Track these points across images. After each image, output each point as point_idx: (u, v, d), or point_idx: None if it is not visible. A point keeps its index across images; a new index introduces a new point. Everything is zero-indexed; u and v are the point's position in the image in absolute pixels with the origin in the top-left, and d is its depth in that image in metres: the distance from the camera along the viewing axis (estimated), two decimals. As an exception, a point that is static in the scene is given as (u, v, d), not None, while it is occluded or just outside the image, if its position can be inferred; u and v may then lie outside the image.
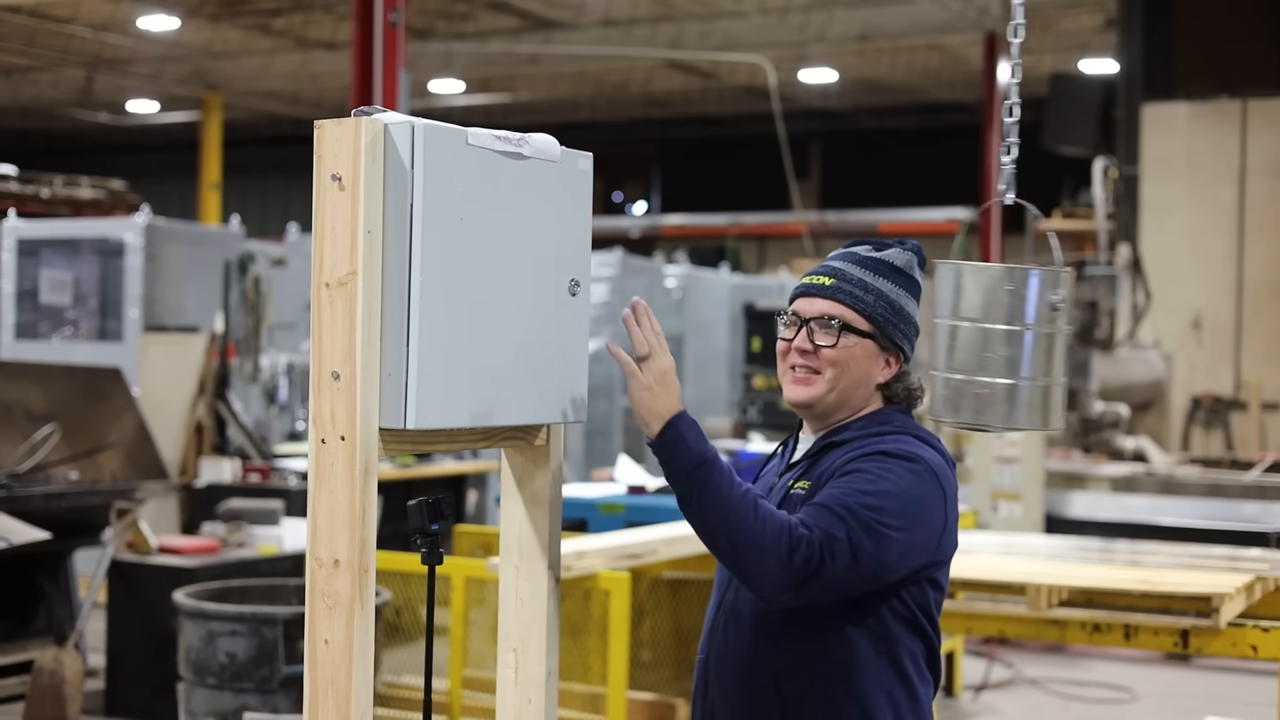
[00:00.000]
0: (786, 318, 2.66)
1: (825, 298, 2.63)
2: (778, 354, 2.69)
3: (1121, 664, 8.12)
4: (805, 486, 2.57)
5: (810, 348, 2.61)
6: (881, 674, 2.50)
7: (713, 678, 2.60)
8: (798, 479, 2.60)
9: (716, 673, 2.59)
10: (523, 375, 2.37)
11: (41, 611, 6.94)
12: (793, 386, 2.63)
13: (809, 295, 2.64)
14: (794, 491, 2.57)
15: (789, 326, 2.65)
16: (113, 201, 13.83)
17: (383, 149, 2.17)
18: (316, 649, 2.21)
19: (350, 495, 2.18)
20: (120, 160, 25.77)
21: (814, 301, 2.63)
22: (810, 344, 2.61)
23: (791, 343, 2.63)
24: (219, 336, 9.25)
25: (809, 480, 2.57)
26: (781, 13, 17.32)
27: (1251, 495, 8.79)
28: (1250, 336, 13.62)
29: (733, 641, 2.57)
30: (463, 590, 5.65)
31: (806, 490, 2.55)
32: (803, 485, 2.57)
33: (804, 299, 2.64)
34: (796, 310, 2.64)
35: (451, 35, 18.55)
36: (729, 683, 2.56)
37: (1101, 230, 11.88)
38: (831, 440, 2.61)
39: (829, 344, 2.60)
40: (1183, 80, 13.87)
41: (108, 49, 19.78)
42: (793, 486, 2.59)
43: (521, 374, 2.36)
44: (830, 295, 2.62)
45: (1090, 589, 4.45)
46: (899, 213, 23.02)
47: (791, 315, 2.65)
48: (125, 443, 7.09)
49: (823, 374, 2.60)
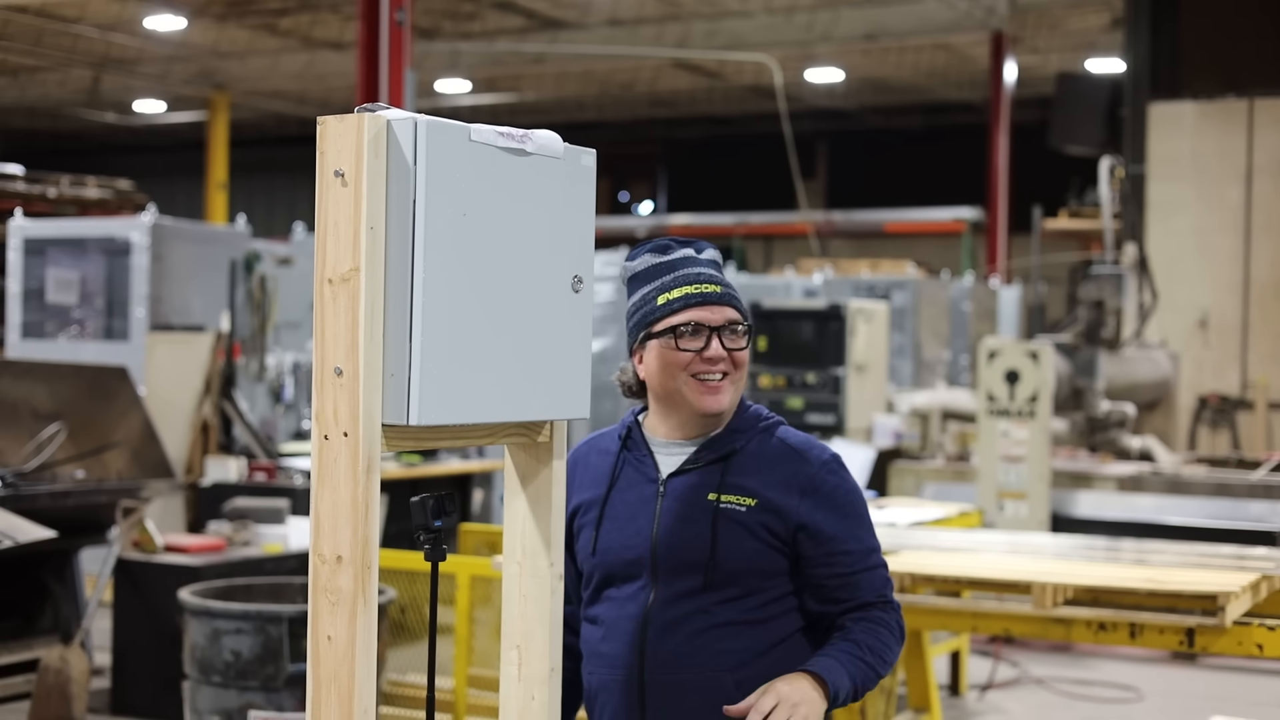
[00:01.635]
0: (681, 328, 2.63)
1: (724, 304, 2.66)
2: (671, 366, 2.65)
3: (1127, 663, 8.11)
4: (747, 504, 2.61)
5: (725, 355, 2.63)
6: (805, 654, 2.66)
7: (653, 695, 2.61)
8: (723, 493, 2.63)
9: (660, 685, 2.60)
10: (526, 371, 2.36)
11: (47, 610, 6.95)
12: (708, 397, 2.64)
13: (707, 304, 2.64)
14: (727, 506, 2.62)
15: (692, 337, 2.63)
16: (119, 201, 13.84)
17: (385, 145, 2.17)
18: (319, 645, 2.21)
19: (353, 491, 2.18)
20: (127, 160, 25.81)
21: (715, 310, 2.64)
22: (725, 351, 2.63)
23: (701, 353, 2.63)
24: (225, 336, 9.26)
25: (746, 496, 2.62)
26: (788, 12, 17.31)
27: (1258, 494, 8.77)
28: (1257, 336, 13.60)
29: (678, 651, 2.60)
30: (468, 588, 5.65)
31: (751, 509, 2.61)
32: (741, 501, 2.62)
33: (701, 308, 2.64)
34: (697, 320, 2.63)
35: (458, 35, 18.56)
36: (679, 692, 2.59)
37: (1108, 229, 11.86)
38: (730, 448, 2.66)
39: (740, 348, 2.66)
40: (1189, 79, 13.85)
41: (114, 49, 19.82)
42: (722, 501, 2.62)
43: (524, 370, 2.36)
44: (728, 302, 2.67)
45: (1096, 588, 4.44)
46: (905, 212, 23.01)
47: (691, 325, 2.63)
48: (131, 442, 7.10)
49: (731, 378, 2.65)
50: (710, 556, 2.60)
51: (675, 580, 2.63)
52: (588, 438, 2.87)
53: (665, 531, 2.64)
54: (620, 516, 2.70)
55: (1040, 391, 8.51)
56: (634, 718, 2.64)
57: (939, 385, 13.20)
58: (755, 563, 2.61)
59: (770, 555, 2.62)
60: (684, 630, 2.60)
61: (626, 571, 2.67)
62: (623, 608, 2.66)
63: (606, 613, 2.68)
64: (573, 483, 2.77)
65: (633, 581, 2.66)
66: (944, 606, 4.64)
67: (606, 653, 2.67)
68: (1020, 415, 8.52)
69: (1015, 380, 8.54)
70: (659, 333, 2.66)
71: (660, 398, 2.70)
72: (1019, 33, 18.23)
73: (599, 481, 2.75)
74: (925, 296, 14.68)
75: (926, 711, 6.31)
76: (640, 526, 2.67)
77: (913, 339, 14.32)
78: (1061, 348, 9.90)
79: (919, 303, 14.46)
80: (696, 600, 2.61)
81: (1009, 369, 8.56)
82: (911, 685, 6.36)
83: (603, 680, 2.67)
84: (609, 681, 2.66)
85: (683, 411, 2.68)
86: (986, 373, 8.59)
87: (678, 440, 2.70)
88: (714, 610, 2.61)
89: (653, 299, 2.68)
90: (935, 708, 6.36)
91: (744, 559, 2.60)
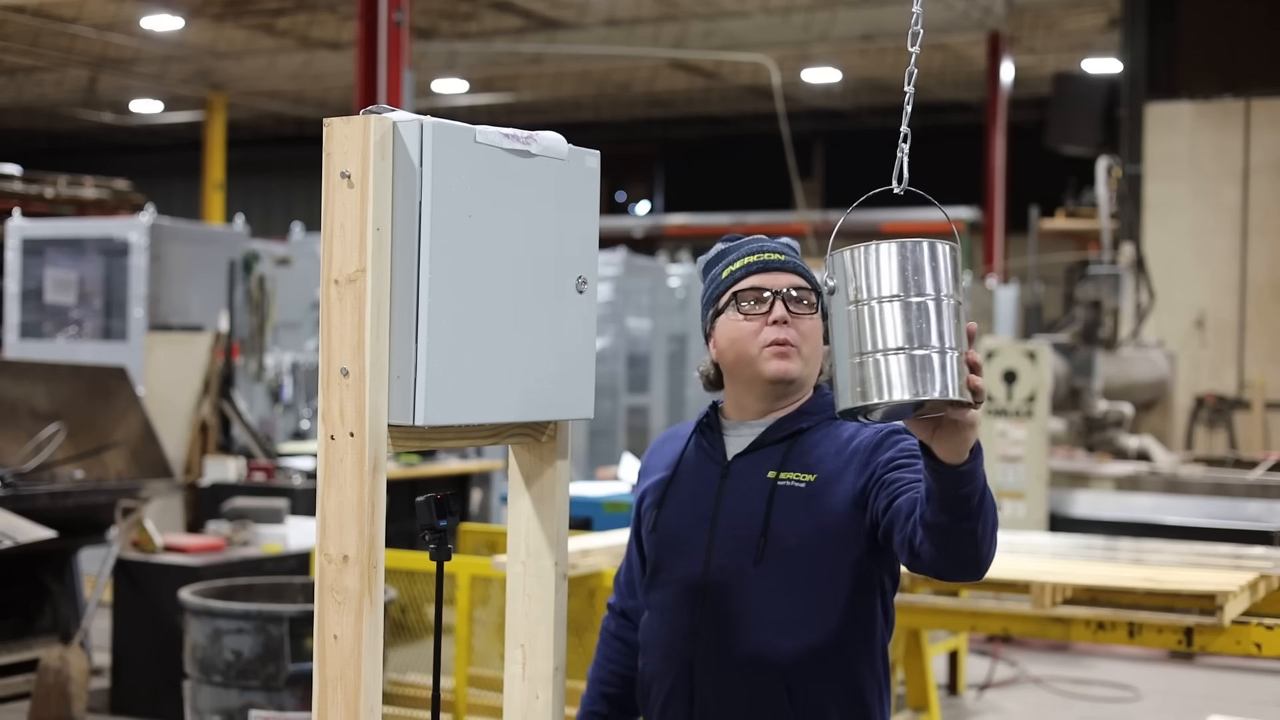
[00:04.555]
0: (743, 294, 2.56)
1: (788, 271, 2.58)
2: (737, 335, 2.56)
3: (1125, 662, 8.13)
4: (806, 479, 2.51)
5: (789, 318, 2.54)
6: (871, 662, 2.55)
7: (703, 680, 2.53)
8: (783, 470, 2.53)
9: (710, 674, 2.53)
10: (530, 372, 2.38)
11: (47, 610, 6.95)
12: (775, 362, 2.53)
13: (768, 270, 2.57)
14: (785, 484, 2.52)
15: (755, 303, 2.55)
16: (117, 201, 13.84)
17: (391, 147, 2.19)
18: (326, 644, 2.22)
19: (359, 491, 2.19)
20: (124, 160, 25.79)
21: (777, 275, 2.57)
22: (789, 314, 2.54)
23: (767, 317, 2.54)
24: (223, 336, 9.26)
25: (806, 473, 2.51)
26: (785, 12, 17.33)
27: (1255, 494, 8.79)
28: (1254, 336, 13.61)
29: (729, 640, 2.51)
30: (468, 588, 5.66)
31: (810, 484, 2.50)
32: (800, 477, 2.52)
33: (763, 274, 2.57)
34: (759, 285, 2.56)
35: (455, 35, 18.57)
36: (729, 683, 2.52)
37: (1105, 230, 11.87)
38: (797, 428, 2.56)
39: (805, 313, 2.56)
40: (1186, 79, 13.87)
41: (112, 49, 19.81)
42: (780, 478, 2.53)
43: (529, 371, 2.37)
44: (791, 269, 2.59)
45: (1094, 587, 4.45)
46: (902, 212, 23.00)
47: (753, 290, 2.56)
48: (130, 442, 7.10)
49: (799, 348, 2.55)
50: (761, 534, 2.51)
51: (728, 563, 2.53)
52: (670, 429, 2.82)
53: (724, 512, 2.56)
54: (683, 497, 2.62)
55: (1038, 391, 8.53)
56: (683, 708, 2.56)
57: (936, 385, 13.18)
58: (811, 543, 2.49)
59: (830, 538, 2.49)
60: (736, 617, 2.51)
61: (682, 550, 2.58)
62: (677, 592, 2.58)
63: (661, 598, 2.61)
64: (646, 469, 2.74)
65: (688, 562, 2.57)
66: (942, 606, 4.65)
67: (660, 640, 2.60)
68: (1018, 415, 8.53)
69: (1013, 380, 8.55)
70: (724, 306, 2.59)
71: (731, 374, 2.61)
72: (1016, 33, 18.25)
73: (667, 465, 2.69)
74: (922, 296, 14.66)
75: (925, 710, 6.32)
76: (701, 507, 2.59)
77: (910, 339, 14.30)
78: (1059, 348, 9.91)
79: (916, 303, 14.44)
80: (750, 584, 2.51)
81: (1006, 369, 8.57)
82: (910, 684, 6.37)
83: (656, 669, 2.60)
84: (661, 670, 2.59)
85: (753, 385, 2.58)
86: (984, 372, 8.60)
87: (749, 421, 2.61)
88: (767, 597, 2.50)
89: (718, 275, 2.63)
90: (934, 707, 6.37)
91: (798, 536, 2.49)
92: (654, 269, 13.54)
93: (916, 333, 2.05)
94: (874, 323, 2.05)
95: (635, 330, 12.72)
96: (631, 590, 2.78)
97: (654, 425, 12.38)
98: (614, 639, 2.81)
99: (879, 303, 2.07)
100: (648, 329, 12.83)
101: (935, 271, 2.08)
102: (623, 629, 2.80)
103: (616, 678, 2.79)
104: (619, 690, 2.79)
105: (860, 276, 2.09)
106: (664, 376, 12.85)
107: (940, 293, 2.07)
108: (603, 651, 2.82)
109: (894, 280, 2.07)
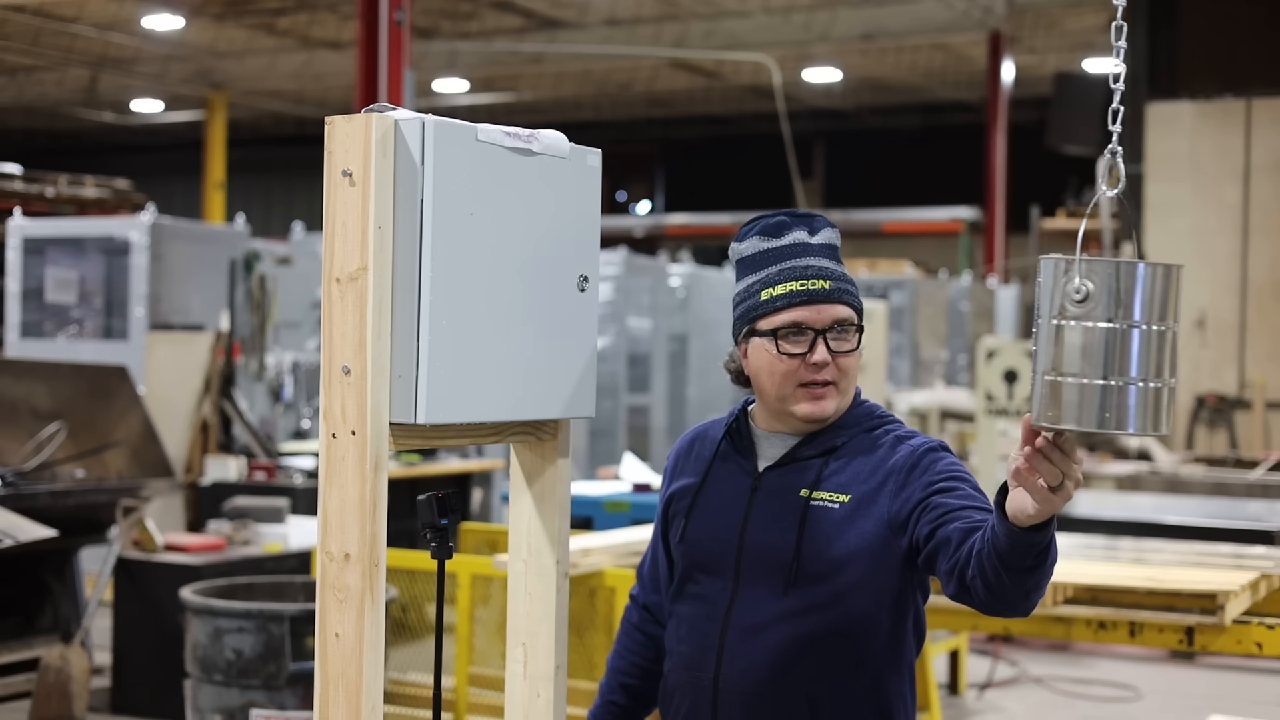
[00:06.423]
0: (783, 330, 2.46)
1: (832, 302, 2.48)
2: (773, 369, 2.48)
3: (1126, 662, 8.13)
4: (840, 500, 2.44)
5: (829, 361, 2.47)
6: (899, 681, 2.51)
7: (726, 700, 2.48)
8: (815, 489, 2.46)
9: (734, 694, 2.47)
10: (532, 370, 2.38)
11: (47, 609, 6.95)
12: (809, 405, 2.47)
13: (813, 303, 2.47)
14: (819, 504, 2.45)
15: (795, 340, 2.46)
16: (117, 200, 13.85)
17: (393, 145, 2.19)
18: (327, 643, 2.22)
19: (361, 490, 2.19)
20: (125, 159, 25.80)
21: (822, 309, 2.47)
22: (829, 356, 2.47)
23: (805, 358, 2.46)
24: (224, 335, 9.26)
25: (840, 493, 2.45)
26: (785, 12, 17.33)
27: (1256, 494, 8.79)
28: (1254, 336, 13.62)
29: (754, 661, 2.45)
30: (469, 587, 5.66)
31: (844, 505, 2.43)
32: (834, 498, 2.45)
33: (806, 308, 2.46)
34: (801, 321, 2.46)
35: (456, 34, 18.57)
36: (753, 704, 2.46)
37: (1106, 230, 11.88)
38: (832, 444, 2.50)
39: (849, 349, 2.49)
40: (1187, 79, 13.87)
41: (112, 48, 19.82)
42: (814, 498, 2.46)
43: (531, 369, 2.37)
44: (837, 299, 2.49)
45: (1095, 586, 4.45)
46: (902, 212, 23.04)
47: (794, 327, 2.47)
48: (131, 441, 7.10)
49: (838, 384, 2.49)
50: (794, 557, 2.44)
51: (757, 582, 2.47)
52: (697, 425, 2.75)
53: (754, 528, 2.49)
54: (712, 507, 2.55)
55: (1039, 391, 8.51)
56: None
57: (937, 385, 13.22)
58: (843, 566, 2.42)
59: (862, 563, 2.42)
60: (763, 639, 2.45)
61: (710, 565, 2.53)
62: (704, 607, 2.52)
63: (688, 610, 2.56)
64: (674, 468, 2.67)
65: (716, 578, 2.51)
66: (943, 605, 4.65)
67: (685, 653, 2.54)
68: (1019, 414, 8.53)
69: (1014, 380, 8.55)
70: (761, 331, 2.49)
71: (761, 396, 2.55)
72: (1016, 32, 18.25)
73: (698, 469, 2.62)
74: (923, 296, 14.71)
75: (925, 710, 6.32)
76: (730, 521, 2.52)
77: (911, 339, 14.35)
78: (1059, 347, 9.90)
79: (917, 302, 14.48)
80: (779, 605, 2.44)
81: (1007, 368, 8.57)
82: (911, 684, 6.37)
83: (679, 680, 2.56)
84: (685, 683, 2.54)
85: (783, 417, 2.52)
86: (985, 372, 8.61)
87: (781, 432, 2.54)
88: (796, 619, 2.43)
89: (756, 292, 2.50)
90: (934, 706, 6.37)
91: (830, 561, 2.42)
92: (655, 269, 13.54)
93: (1155, 364, 1.99)
94: (1124, 347, 1.97)
95: (636, 330, 12.72)
96: (655, 585, 2.73)
97: (654, 425, 12.38)
98: (636, 631, 2.77)
99: (1139, 329, 1.98)
100: (648, 329, 12.82)
101: (1177, 299, 2.04)
102: (645, 622, 2.75)
103: (637, 669, 2.75)
104: (638, 681, 2.75)
105: (1125, 295, 1.99)
106: (665, 376, 12.85)
107: (1170, 322, 2.04)
108: (624, 643, 2.78)
109: (1155, 305, 2.00)
